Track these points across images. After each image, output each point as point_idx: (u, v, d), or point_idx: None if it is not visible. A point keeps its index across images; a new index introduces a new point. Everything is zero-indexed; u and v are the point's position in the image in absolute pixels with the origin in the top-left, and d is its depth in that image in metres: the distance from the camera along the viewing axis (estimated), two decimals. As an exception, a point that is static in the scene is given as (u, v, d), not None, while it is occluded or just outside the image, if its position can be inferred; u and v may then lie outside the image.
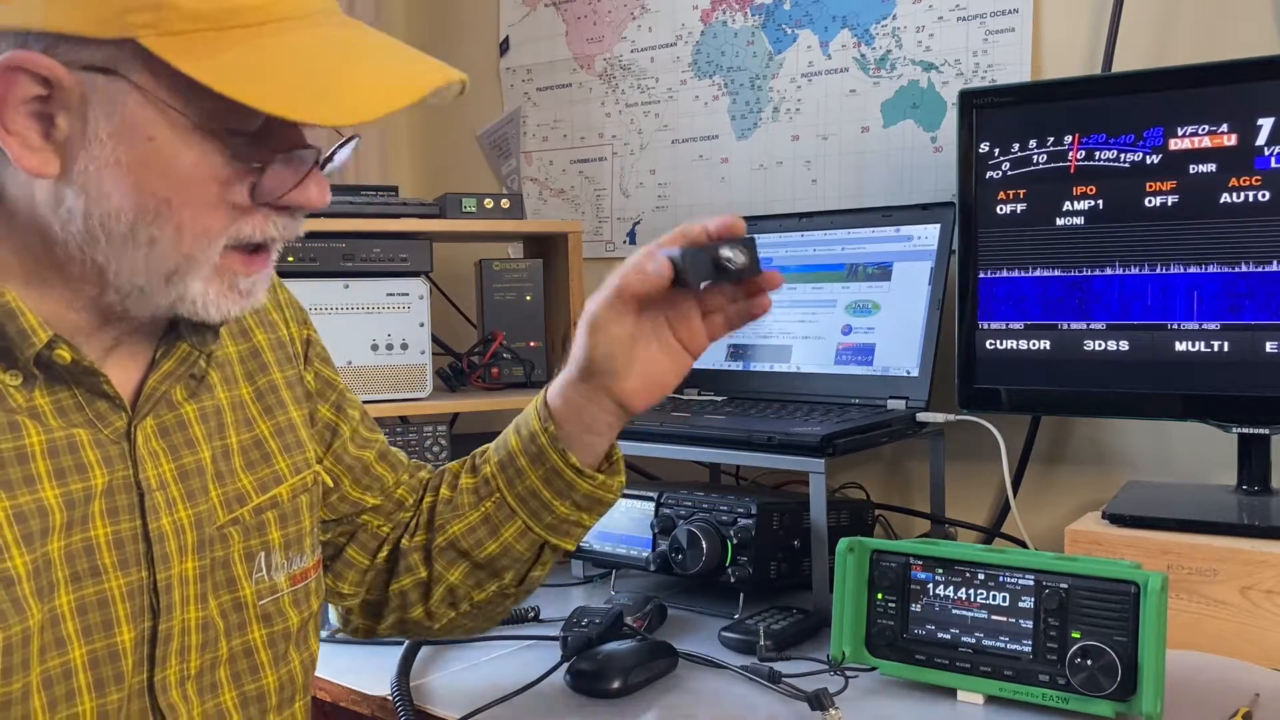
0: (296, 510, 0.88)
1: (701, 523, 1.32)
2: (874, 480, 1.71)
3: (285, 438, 0.89)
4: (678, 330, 0.93)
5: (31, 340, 0.69)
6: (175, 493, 0.77)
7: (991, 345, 1.43)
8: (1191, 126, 1.29)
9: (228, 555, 0.81)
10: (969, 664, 1.05)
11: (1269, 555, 1.14)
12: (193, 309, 0.71)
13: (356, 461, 0.98)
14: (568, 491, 0.95)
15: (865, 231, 1.60)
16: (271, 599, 0.84)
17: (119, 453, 0.74)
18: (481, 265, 1.79)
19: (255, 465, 0.85)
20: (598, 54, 1.99)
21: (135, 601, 0.74)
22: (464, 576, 0.98)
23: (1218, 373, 1.29)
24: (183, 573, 0.77)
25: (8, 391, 0.70)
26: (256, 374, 0.88)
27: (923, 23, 1.66)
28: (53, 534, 0.70)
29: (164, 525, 0.76)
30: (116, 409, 0.75)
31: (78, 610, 0.71)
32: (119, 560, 0.73)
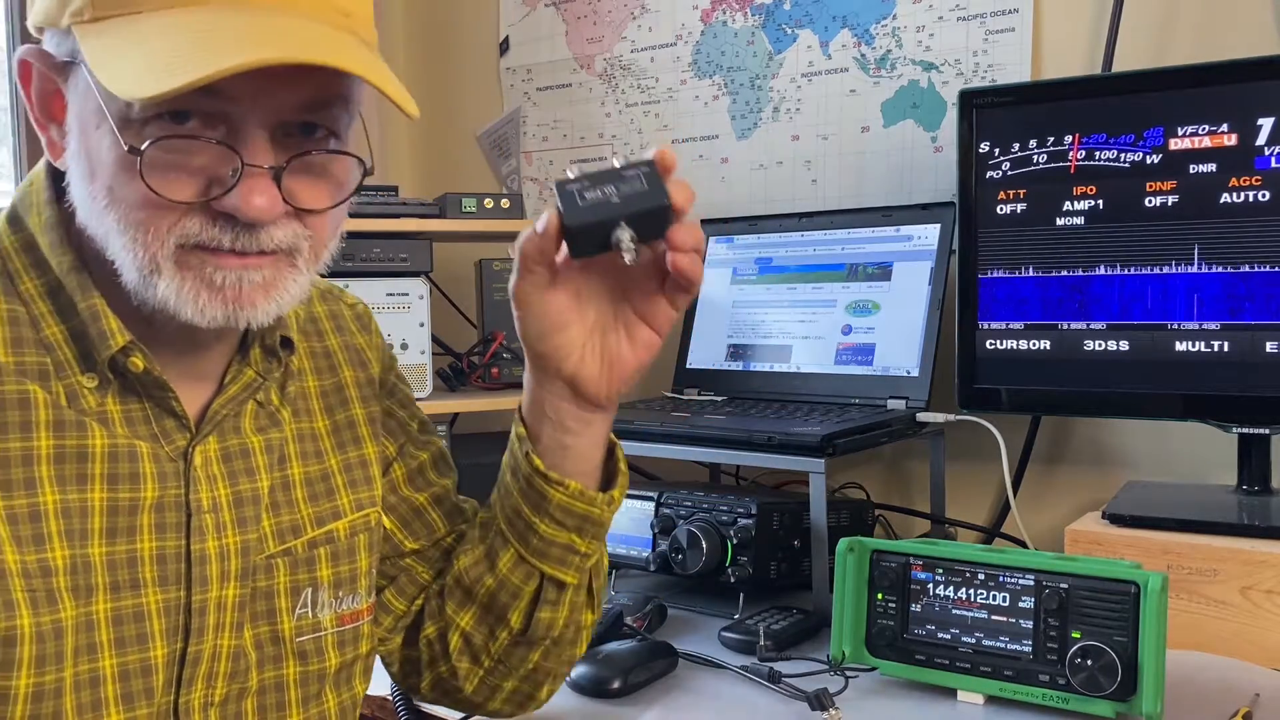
0: (352, 549, 0.86)
1: (701, 523, 1.32)
2: (874, 480, 1.70)
3: (354, 473, 0.87)
4: (636, 303, 0.81)
5: (109, 343, 0.70)
6: (227, 517, 0.77)
7: (992, 345, 1.43)
8: (1192, 126, 1.29)
9: (271, 586, 0.80)
10: (969, 664, 1.05)
11: (1269, 555, 1.14)
12: (172, 309, 0.68)
13: (403, 502, 0.94)
14: (543, 504, 0.85)
15: (865, 231, 1.60)
16: (312, 636, 0.82)
17: (174, 470, 0.74)
18: (481, 265, 1.79)
19: (318, 498, 0.84)
20: (598, 54, 1.99)
21: (169, 619, 0.73)
22: (474, 622, 0.90)
23: (1218, 373, 1.29)
24: (220, 598, 0.76)
25: (82, 393, 0.71)
26: (337, 408, 0.88)
27: (923, 22, 1.66)
28: (92, 537, 0.70)
29: (208, 548, 0.75)
30: (181, 427, 0.75)
31: (113, 620, 0.71)
32: (159, 576, 0.73)
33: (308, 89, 0.66)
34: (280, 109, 0.66)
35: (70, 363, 0.71)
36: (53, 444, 0.69)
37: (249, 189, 0.65)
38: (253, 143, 0.66)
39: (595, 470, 0.87)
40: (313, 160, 0.69)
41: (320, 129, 0.69)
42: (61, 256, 0.72)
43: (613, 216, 0.75)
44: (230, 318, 0.69)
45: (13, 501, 0.68)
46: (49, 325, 0.71)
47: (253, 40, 0.62)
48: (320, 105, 0.68)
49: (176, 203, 0.65)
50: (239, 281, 0.68)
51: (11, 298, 0.71)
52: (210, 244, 0.67)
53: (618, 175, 0.76)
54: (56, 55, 0.68)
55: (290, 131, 0.68)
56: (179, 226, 0.66)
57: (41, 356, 0.71)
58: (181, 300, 0.67)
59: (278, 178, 0.67)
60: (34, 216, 0.73)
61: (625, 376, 0.83)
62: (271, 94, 0.65)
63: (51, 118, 0.71)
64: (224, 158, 0.65)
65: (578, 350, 0.81)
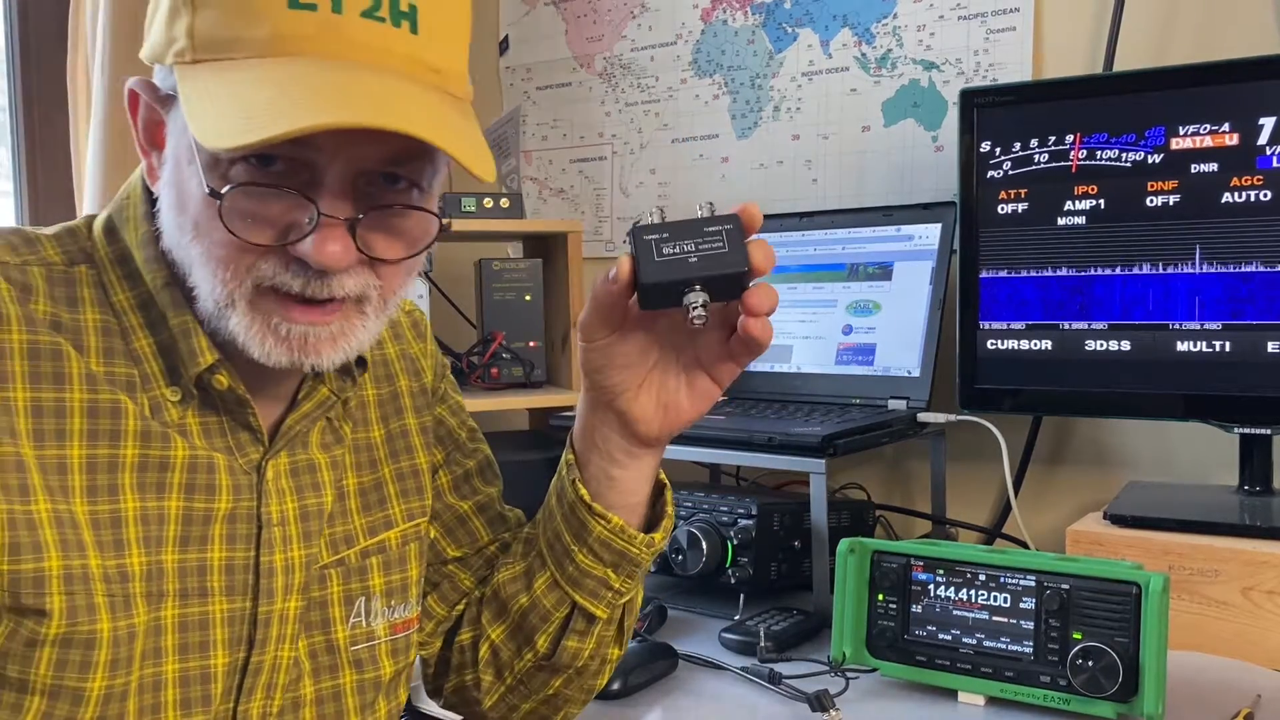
0: (404, 558, 0.87)
1: (701, 523, 1.32)
2: (875, 481, 1.70)
3: (405, 483, 0.88)
4: (700, 353, 0.80)
5: (198, 360, 0.72)
6: (293, 531, 0.78)
7: (993, 345, 1.43)
8: (1193, 126, 1.29)
9: (325, 596, 0.81)
10: (970, 665, 1.05)
11: (1270, 556, 1.14)
12: (240, 345, 0.70)
13: (447, 509, 0.94)
14: (583, 534, 0.84)
15: (866, 231, 1.60)
16: (366, 645, 0.83)
17: (248, 483, 0.76)
18: (481, 265, 1.79)
19: (371, 508, 0.85)
20: (598, 53, 1.99)
21: (234, 629, 0.75)
22: (504, 637, 0.90)
23: (1219, 373, 1.29)
24: (283, 610, 0.78)
25: (166, 405, 0.73)
26: (392, 418, 0.89)
27: (923, 22, 1.66)
28: (166, 544, 0.72)
29: (275, 561, 0.77)
30: (256, 441, 0.77)
31: (179, 626, 0.73)
32: (226, 585, 0.75)
33: (391, 143, 0.66)
34: (363, 160, 0.67)
35: (157, 376, 0.73)
36: (138, 453, 0.72)
37: (323, 238, 0.67)
38: (331, 192, 0.67)
39: (640, 506, 0.86)
40: (389, 213, 0.70)
41: (403, 180, 0.70)
42: (155, 272, 0.73)
43: (688, 278, 0.73)
44: (295, 363, 0.70)
45: (97, 507, 0.70)
46: (139, 338, 0.73)
47: (334, 100, 0.63)
48: (403, 159, 0.69)
49: (255, 245, 0.67)
50: (305, 335, 0.70)
51: (105, 309, 0.73)
52: (282, 288, 0.68)
53: (699, 231, 0.74)
54: (161, 89, 0.71)
55: (373, 180, 0.69)
56: (256, 268, 0.68)
57: (130, 368, 0.73)
58: (249, 339, 0.69)
59: (352, 229, 0.68)
60: (130, 231, 0.75)
61: (680, 423, 0.82)
62: (355, 146, 0.66)
63: (154, 145, 0.73)
64: (301, 206, 0.67)
65: (634, 388, 0.80)
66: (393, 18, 0.67)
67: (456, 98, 0.71)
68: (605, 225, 2.00)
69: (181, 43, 0.67)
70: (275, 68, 0.65)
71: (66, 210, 1.84)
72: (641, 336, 0.79)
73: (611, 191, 1.99)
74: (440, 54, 0.70)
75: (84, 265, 0.74)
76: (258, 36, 0.65)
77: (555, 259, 1.81)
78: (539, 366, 1.79)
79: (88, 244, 0.76)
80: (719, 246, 0.73)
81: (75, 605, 0.68)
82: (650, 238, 0.74)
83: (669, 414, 0.81)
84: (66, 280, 0.73)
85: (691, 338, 0.80)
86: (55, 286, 0.72)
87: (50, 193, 1.86)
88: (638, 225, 0.75)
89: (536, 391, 1.76)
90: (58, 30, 1.83)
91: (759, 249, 0.74)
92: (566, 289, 1.78)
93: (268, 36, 0.65)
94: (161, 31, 0.69)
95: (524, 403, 1.72)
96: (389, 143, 0.66)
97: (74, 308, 0.72)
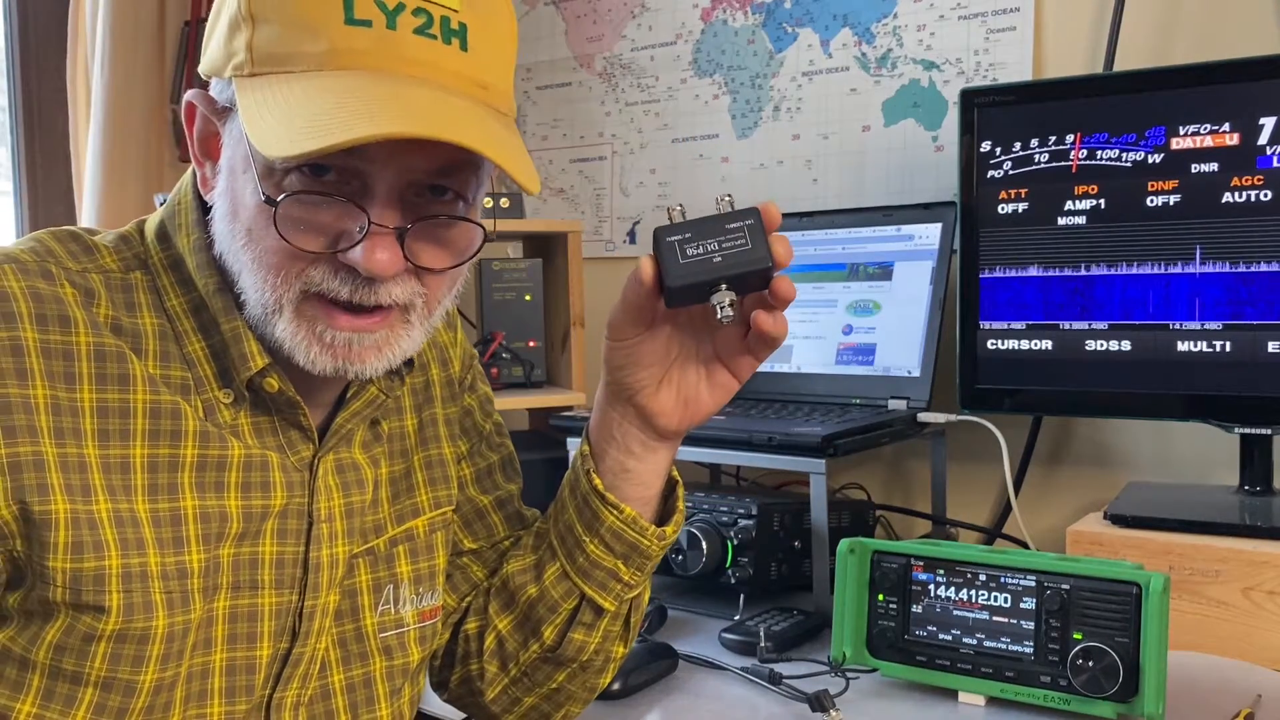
0: (431, 546, 0.89)
1: (702, 523, 1.32)
2: (875, 481, 1.70)
3: (433, 471, 0.90)
4: (719, 347, 0.82)
5: (249, 364, 0.74)
6: (339, 527, 0.80)
7: (993, 345, 1.43)
8: (1193, 126, 1.29)
9: (354, 585, 0.83)
10: (970, 665, 1.04)
11: (1271, 556, 1.14)
12: (286, 351, 0.72)
13: (468, 502, 0.96)
14: (595, 524, 0.85)
15: (866, 231, 1.60)
16: (395, 632, 0.85)
17: (300, 480, 0.78)
18: (481, 265, 1.79)
19: (399, 496, 0.87)
20: (598, 53, 1.99)
21: (280, 621, 0.77)
22: (511, 627, 0.91)
23: (1220, 373, 1.29)
24: (326, 604, 0.80)
25: (219, 407, 0.75)
26: (424, 406, 0.91)
27: (924, 21, 1.66)
28: (227, 540, 0.75)
29: (323, 556, 0.79)
30: (306, 440, 0.79)
31: (229, 617, 0.75)
32: (276, 579, 0.77)
33: (440, 155, 0.69)
34: (412, 171, 0.69)
35: (209, 379, 0.75)
36: (197, 453, 0.74)
37: (372, 245, 0.68)
38: (381, 202, 0.69)
39: (653, 500, 0.87)
40: (436, 223, 0.72)
41: (449, 192, 0.72)
42: (208, 278, 0.75)
43: (714, 278, 0.74)
44: (339, 370, 0.72)
45: (158, 505, 0.72)
46: (191, 342, 0.75)
47: (388, 112, 0.65)
48: (451, 171, 0.71)
49: (306, 252, 0.69)
50: (349, 342, 0.72)
51: (159, 313, 0.75)
52: (329, 294, 0.70)
53: (721, 228, 0.75)
54: (219, 101, 0.73)
55: (421, 191, 0.71)
56: (305, 274, 0.70)
57: (185, 371, 0.75)
58: (295, 345, 0.71)
59: (401, 238, 0.70)
60: (183, 237, 0.77)
61: (699, 416, 0.84)
62: (405, 157, 0.68)
63: (208, 155, 0.75)
64: (352, 215, 0.69)
65: (655, 384, 0.82)
66: (444, 35, 0.69)
67: (502, 113, 0.73)
68: (605, 225, 2.00)
69: (241, 56, 0.69)
70: (332, 80, 0.67)
71: (66, 210, 1.84)
72: (666, 335, 0.81)
73: (611, 191, 1.99)
74: (488, 71, 0.72)
75: (139, 271, 0.76)
76: (315, 51, 0.67)
77: (555, 259, 1.81)
78: (539, 366, 1.79)
79: (141, 250, 0.77)
80: (742, 243, 0.75)
81: (133, 603, 0.70)
82: (674, 239, 0.75)
83: (689, 408, 0.83)
84: (124, 286, 0.75)
85: (711, 333, 0.82)
86: (115, 293, 0.74)
87: (50, 193, 1.86)
88: (660, 227, 0.76)
89: (536, 391, 1.76)
90: (58, 30, 1.83)
91: (779, 243, 0.76)
92: (566, 289, 1.78)
93: (325, 51, 0.67)
94: (221, 46, 0.71)
95: (524, 403, 1.72)
96: (437, 155, 0.68)
97: (132, 312, 0.74)
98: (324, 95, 0.66)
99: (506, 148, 0.69)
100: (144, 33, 1.79)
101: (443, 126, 0.65)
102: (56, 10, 1.83)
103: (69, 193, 1.83)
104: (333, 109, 0.65)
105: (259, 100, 0.67)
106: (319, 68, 0.67)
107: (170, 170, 1.83)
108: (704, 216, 0.76)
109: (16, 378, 0.68)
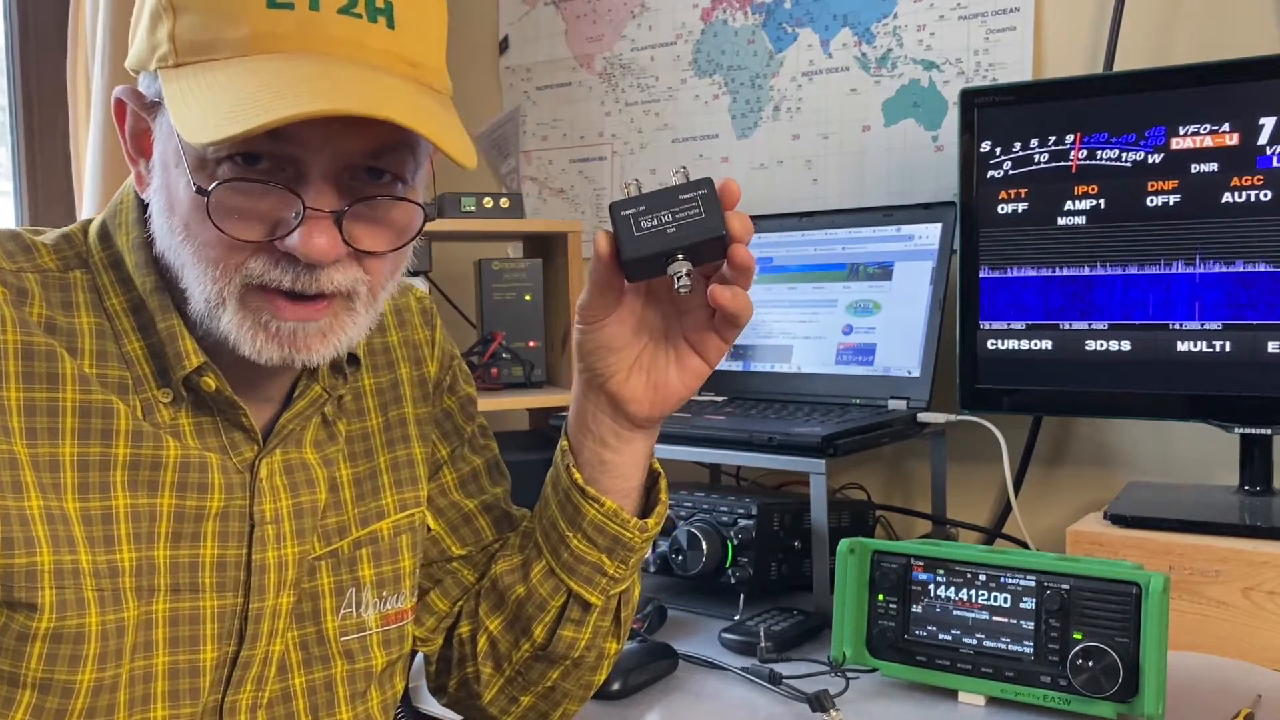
0: (395, 549, 0.87)
1: (702, 523, 1.32)
2: (875, 481, 1.70)
3: (400, 473, 0.89)
4: (688, 332, 0.81)
5: (184, 363, 0.73)
6: (286, 529, 0.79)
7: (993, 345, 1.43)
8: (1193, 126, 1.29)
9: (315, 588, 0.82)
10: (970, 665, 1.04)
11: (1271, 556, 1.14)
12: (232, 344, 0.71)
13: (453, 507, 0.95)
14: (577, 519, 0.85)
15: (866, 231, 1.60)
16: (357, 636, 0.84)
17: (241, 482, 0.77)
18: (481, 265, 1.79)
19: (364, 497, 0.86)
20: (597, 53, 1.99)
21: (224, 624, 0.76)
22: (502, 628, 0.90)
23: (1220, 373, 1.29)
24: (275, 606, 0.79)
25: (158, 407, 0.74)
26: (390, 406, 0.89)
27: (924, 21, 1.66)
28: (158, 540, 0.74)
29: (268, 558, 0.78)
30: (249, 440, 0.78)
31: (170, 620, 0.74)
32: (218, 582, 0.76)
33: (373, 136, 0.68)
34: (347, 154, 0.68)
35: (148, 378, 0.74)
36: (129, 452, 0.73)
37: (309, 231, 0.67)
38: (316, 186, 0.68)
39: (634, 492, 0.87)
40: (374, 205, 0.71)
41: (386, 174, 0.71)
42: (145, 276, 0.74)
43: (669, 248, 0.74)
44: (286, 359, 0.71)
45: (88, 504, 0.71)
46: (130, 341, 0.75)
47: (314, 91, 0.64)
48: (386, 151, 0.70)
49: (244, 241, 0.68)
50: (294, 331, 0.71)
51: (98, 312, 0.75)
52: (271, 284, 0.69)
53: (674, 199, 0.75)
54: (146, 96, 0.72)
55: (357, 175, 0.70)
56: (245, 266, 0.69)
57: (122, 370, 0.74)
58: (240, 337, 0.70)
59: (339, 221, 0.69)
60: (123, 236, 0.76)
61: (670, 402, 0.83)
62: (338, 140, 0.67)
63: (141, 153, 0.74)
64: (287, 201, 0.68)
65: (625, 369, 0.82)
66: (369, 14, 0.68)
67: (435, 90, 0.72)
68: (605, 225, 1.99)
69: (164, 47, 0.68)
70: (256, 64, 0.66)
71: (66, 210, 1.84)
72: (635, 318, 0.81)
73: (611, 191, 1.99)
74: (416, 49, 0.71)
75: (79, 270, 0.76)
76: (238, 36, 0.66)
77: (555, 259, 1.81)
78: (539, 366, 1.79)
79: (83, 249, 0.77)
80: (695, 213, 0.74)
81: (65, 599, 0.69)
82: (628, 212, 0.75)
83: (659, 393, 0.82)
84: (62, 285, 0.74)
85: (679, 315, 0.81)
86: (51, 292, 0.74)
87: (50, 193, 1.86)
88: (614, 202, 0.76)
89: (536, 391, 1.76)
90: (58, 30, 1.83)
91: (735, 217, 0.75)
92: (566, 289, 1.78)
93: (247, 36, 0.66)
94: (144, 39, 0.70)
95: (524, 403, 1.72)
96: (370, 136, 0.67)
97: (69, 312, 0.74)
98: (248, 79, 0.65)
99: (438, 122, 0.68)
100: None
101: (374, 104, 0.63)
102: (56, 10, 1.83)
103: (69, 193, 1.82)
104: (257, 91, 0.63)
105: (183, 89, 0.66)
106: (242, 53, 0.66)
107: (170, 170, 1.83)
108: (658, 189, 0.75)
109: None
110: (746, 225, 0.76)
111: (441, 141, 0.67)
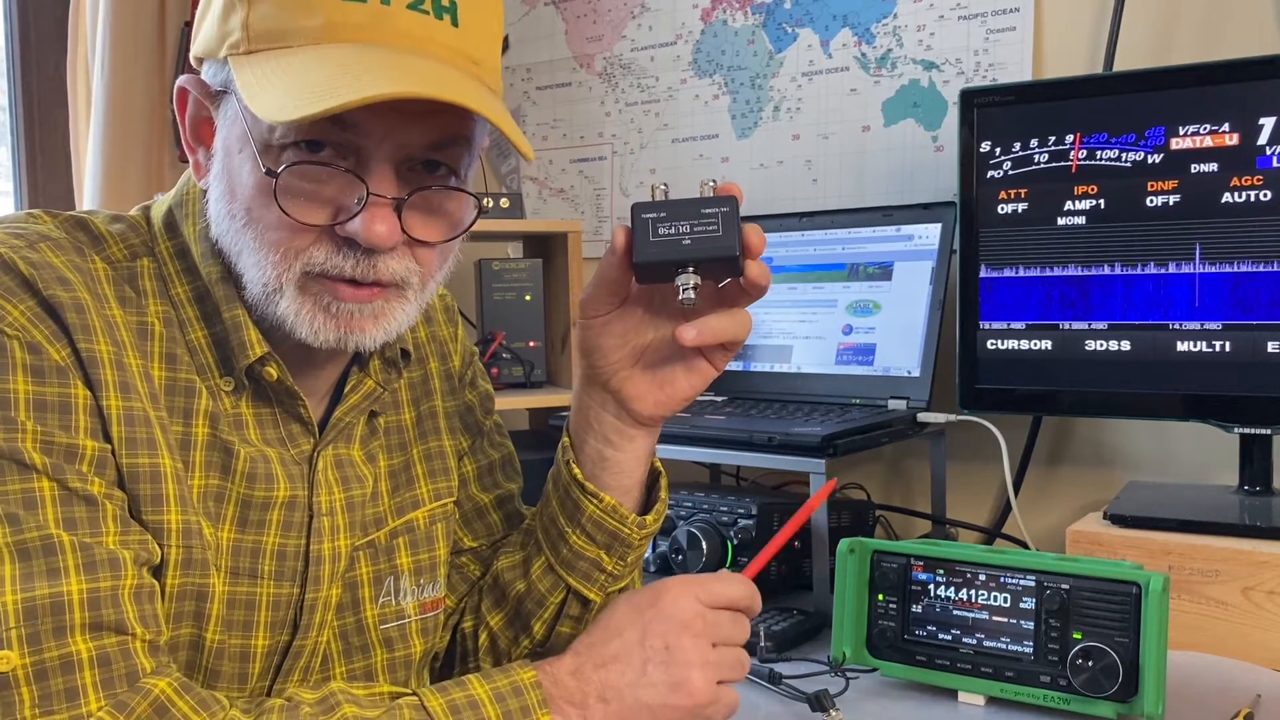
0: (431, 537, 0.89)
1: (702, 523, 1.32)
2: (875, 481, 1.70)
3: (433, 463, 0.91)
4: None
5: (248, 352, 0.75)
6: (340, 521, 0.81)
7: (993, 345, 1.43)
8: (1193, 126, 1.29)
9: (355, 577, 0.83)
10: (970, 665, 1.04)
11: (1271, 556, 1.14)
12: (289, 327, 0.72)
13: (468, 499, 0.96)
14: (576, 515, 0.86)
15: (866, 231, 1.60)
16: (396, 624, 0.86)
17: (300, 474, 0.79)
18: (481, 265, 1.79)
19: (399, 489, 0.87)
20: (598, 53, 1.99)
21: (279, 613, 0.78)
22: (502, 624, 0.91)
23: (1219, 373, 1.29)
24: (327, 597, 0.81)
25: (220, 395, 0.76)
26: (422, 399, 0.91)
27: (924, 21, 1.66)
28: (224, 522, 0.76)
29: (324, 549, 0.80)
30: (307, 433, 0.80)
31: (226, 602, 0.76)
32: (276, 570, 0.78)
33: (435, 128, 0.70)
34: (408, 145, 0.70)
35: (211, 367, 0.76)
36: (207, 432, 0.75)
37: (372, 217, 0.69)
38: (378, 174, 0.70)
39: (635, 489, 0.87)
40: (432, 196, 0.73)
41: (443, 167, 0.73)
42: (211, 266, 0.76)
43: (681, 259, 0.75)
44: (341, 341, 0.73)
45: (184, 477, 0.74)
46: (194, 330, 0.76)
47: (389, 76, 0.66)
48: (445, 144, 0.72)
49: (307, 226, 0.69)
50: (352, 312, 0.72)
51: (164, 300, 0.76)
52: (332, 272, 0.71)
53: (696, 212, 0.75)
54: (211, 84, 0.73)
55: (414, 167, 0.72)
56: (306, 253, 0.71)
57: (188, 358, 0.76)
58: (299, 320, 0.72)
59: (398, 209, 0.70)
60: (189, 225, 0.78)
61: (675, 401, 0.83)
62: (400, 130, 0.69)
63: (200, 141, 0.76)
64: (351, 186, 0.70)
65: (628, 366, 0.82)
66: (435, 11, 0.70)
67: (493, 90, 0.74)
68: (605, 225, 2.00)
69: (236, 35, 0.69)
70: (330, 52, 0.68)
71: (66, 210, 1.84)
72: (639, 316, 0.81)
73: (611, 191, 1.99)
74: (478, 47, 0.73)
75: (146, 258, 0.77)
76: (312, 25, 0.68)
77: (555, 259, 1.81)
78: (539, 366, 1.79)
79: (148, 237, 0.78)
80: (713, 229, 0.75)
81: (192, 559, 0.72)
82: (648, 216, 0.76)
83: (664, 390, 0.83)
84: (130, 275, 0.76)
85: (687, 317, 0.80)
86: (120, 283, 0.75)
87: (50, 193, 1.86)
88: (638, 203, 0.76)
89: (536, 391, 1.76)
90: (58, 30, 1.83)
91: (752, 233, 0.76)
92: (566, 289, 1.79)
93: (321, 25, 0.68)
94: (214, 27, 0.72)
95: (524, 403, 1.72)
96: (431, 128, 0.70)
97: (140, 299, 0.75)
98: (324, 64, 0.67)
99: (501, 114, 0.70)
100: (144, 33, 1.78)
101: (444, 90, 0.66)
102: (56, 10, 1.83)
103: (69, 193, 1.83)
104: (335, 74, 0.65)
105: (257, 75, 0.68)
106: (316, 41, 0.68)
107: (170, 170, 1.83)
108: (683, 198, 0.76)
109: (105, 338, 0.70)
110: (762, 241, 0.76)
111: (511, 131, 0.69)
